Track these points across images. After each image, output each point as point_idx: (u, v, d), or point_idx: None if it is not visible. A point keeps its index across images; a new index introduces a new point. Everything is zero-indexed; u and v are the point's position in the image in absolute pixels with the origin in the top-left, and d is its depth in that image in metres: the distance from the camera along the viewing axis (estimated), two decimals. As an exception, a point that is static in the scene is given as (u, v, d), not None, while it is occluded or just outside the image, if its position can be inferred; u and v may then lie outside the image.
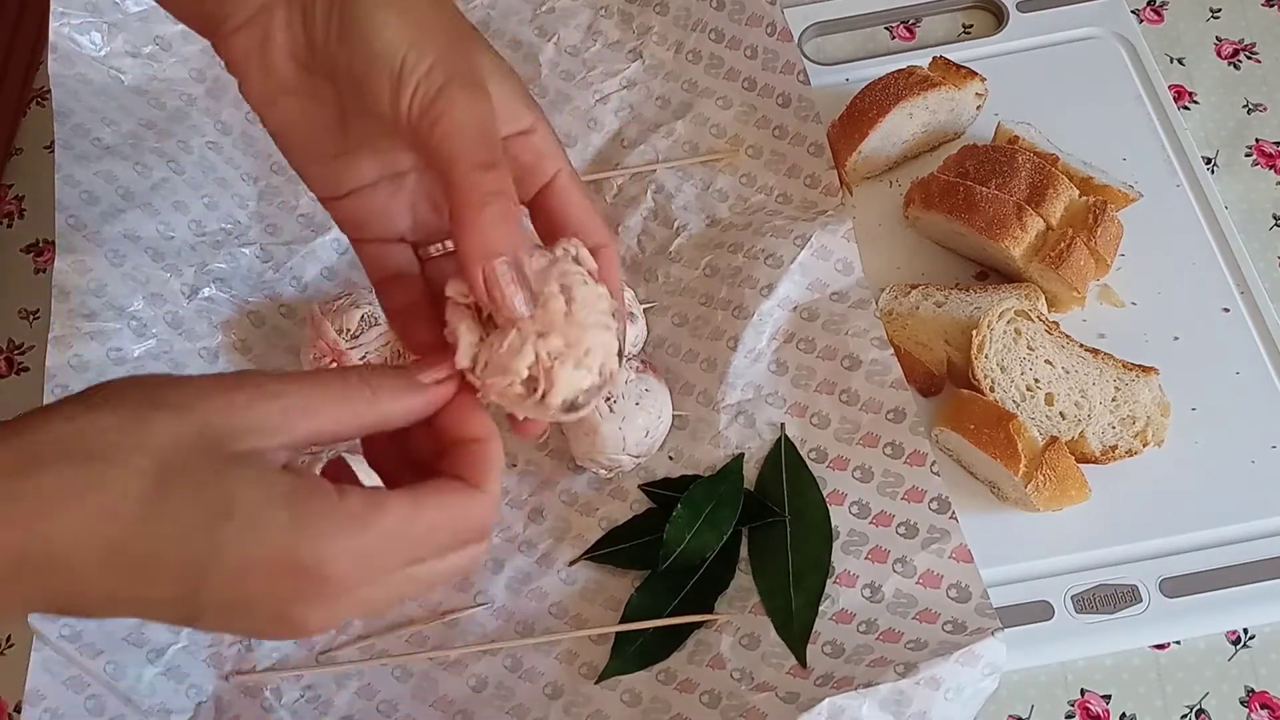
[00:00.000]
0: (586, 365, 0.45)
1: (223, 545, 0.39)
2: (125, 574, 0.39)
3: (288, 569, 0.39)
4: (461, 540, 0.44)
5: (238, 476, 0.39)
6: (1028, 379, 0.69)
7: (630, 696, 0.64)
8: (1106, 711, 0.64)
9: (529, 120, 0.48)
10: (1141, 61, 0.83)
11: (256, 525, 0.39)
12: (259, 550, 0.39)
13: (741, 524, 0.68)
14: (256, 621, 0.41)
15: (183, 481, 0.38)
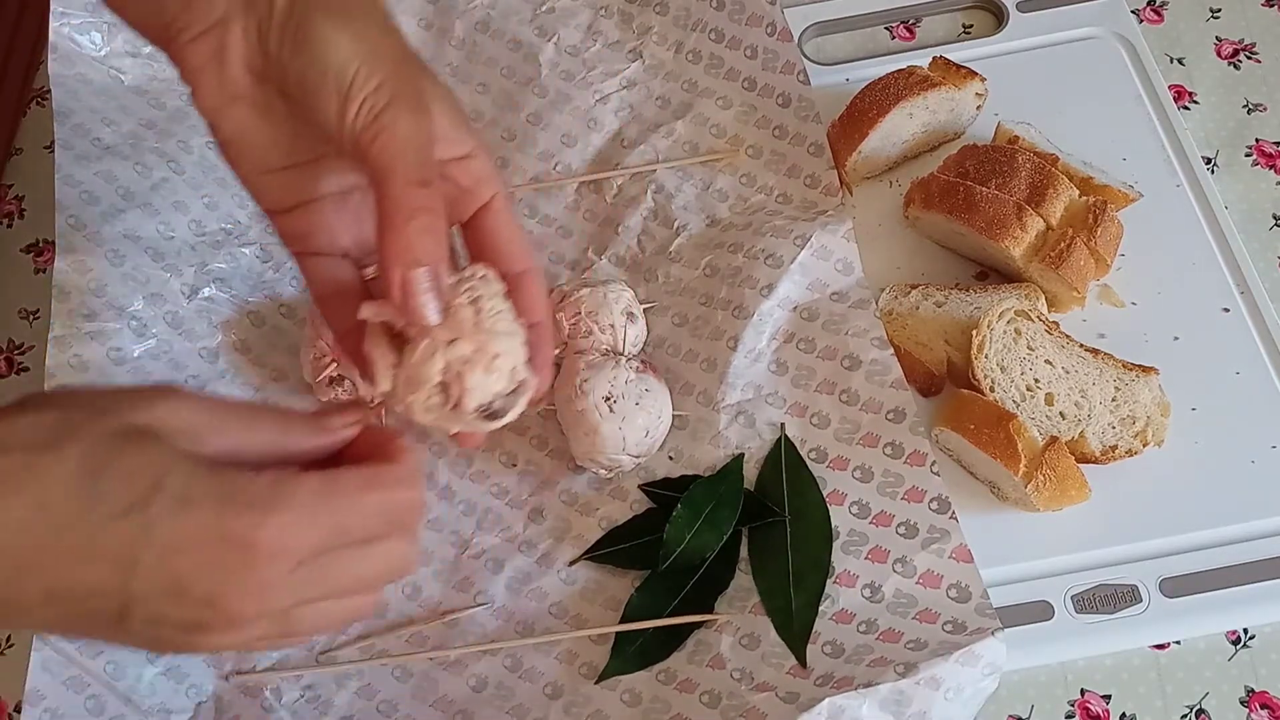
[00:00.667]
0: (497, 369, 0.48)
1: (153, 521, 0.40)
2: (61, 561, 0.40)
3: (218, 541, 0.41)
4: (388, 519, 0.45)
5: (163, 456, 0.41)
6: (1028, 379, 0.69)
7: (630, 696, 0.64)
8: (1106, 711, 0.64)
9: (469, 146, 0.50)
10: (1141, 61, 0.83)
11: (184, 498, 0.40)
12: (189, 524, 0.40)
13: (741, 524, 0.68)
14: (189, 607, 0.42)
15: (110, 463, 0.40)
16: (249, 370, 0.76)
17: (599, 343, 0.71)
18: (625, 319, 0.72)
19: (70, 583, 0.41)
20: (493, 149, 0.84)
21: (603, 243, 0.79)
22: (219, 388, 0.75)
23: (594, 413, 0.67)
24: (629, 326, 0.72)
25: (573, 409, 0.68)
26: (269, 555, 0.41)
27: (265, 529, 0.41)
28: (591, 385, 0.68)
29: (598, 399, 0.67)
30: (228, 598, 0.42)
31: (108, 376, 0.72)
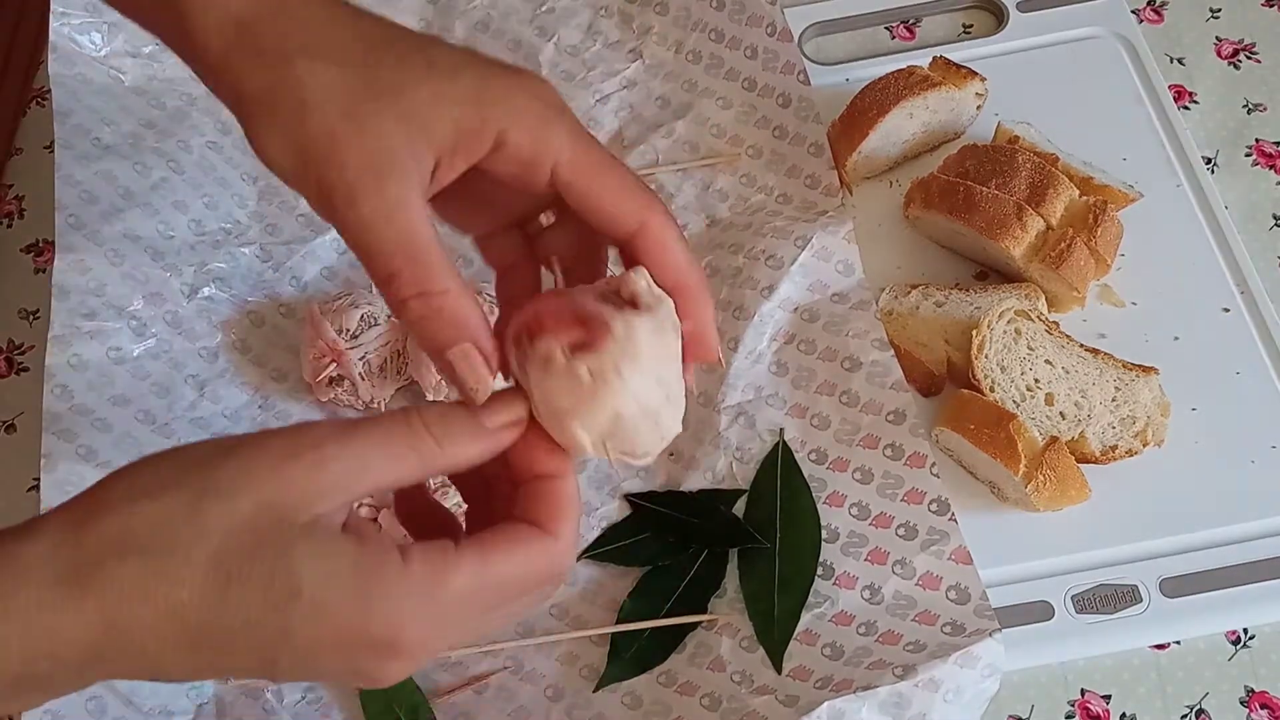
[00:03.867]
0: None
1: (292, 628, 0.38)
2: (202, 654, 0.39)
3: (359, 643, 0.39)
4: (534, 587, 0.43)
5: (300, 554, 0.38)
6: (1028, 379, 0.69)
7: (631, 699, 0.64)
8: (1106, 711, 0.64)
9: (492, 130, 0.43)
10: (1141, 61, 0.83)
11: (323, 605, 0.38)
12: (328, 630, 0.39)
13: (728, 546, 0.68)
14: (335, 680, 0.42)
15: (244, 567, 0.38)
16: (249, 370, 0.76)
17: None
18: None
19: (215, 665, 0.40)
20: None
21: (603, 243, 0.79)
22: (218, 387, 0.75)
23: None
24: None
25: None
26: (415, 649, 0.40)
27: (411, 630, 0.39)
28: None
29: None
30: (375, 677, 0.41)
31: (107, 376, 0.72)
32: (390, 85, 0.42)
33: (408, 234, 0.41)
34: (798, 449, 0.70)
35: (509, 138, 0.42)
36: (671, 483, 0.71)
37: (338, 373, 0.72)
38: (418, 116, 0.42)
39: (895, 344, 0.71)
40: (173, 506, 0.38)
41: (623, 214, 0.44)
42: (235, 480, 0.39)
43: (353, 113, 0.41)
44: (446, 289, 0.42)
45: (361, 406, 0.74)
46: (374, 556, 0.39)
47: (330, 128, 0.41)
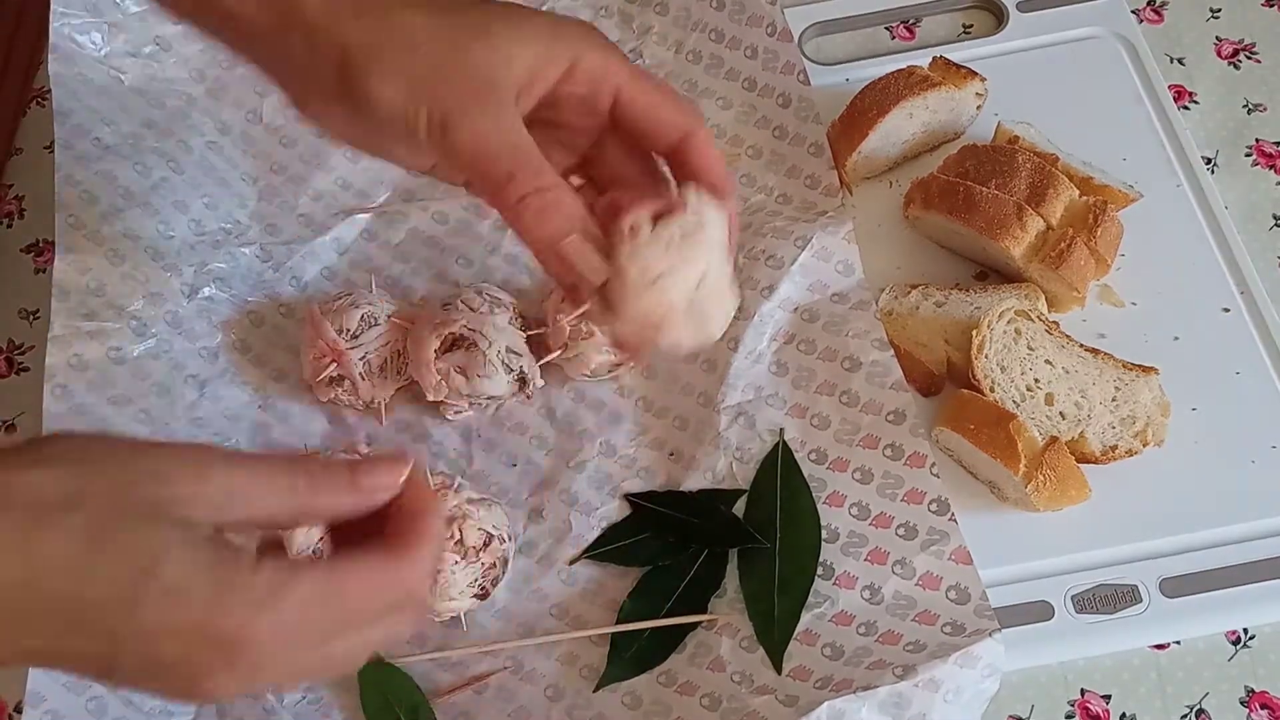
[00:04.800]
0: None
1: (142, 603, 0.39)
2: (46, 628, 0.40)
3: (203, 638, 0.40)
4: (386, 608, 0.44)
5: (166, 540, 0.40)
6: (1028, 379, 0.69)
7: (631, 699, 0.64)
8: (1106, 711, 0.64)
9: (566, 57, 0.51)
10: (1141, 61, 0.83)
11: (177, 590, 0.40)
12: (176, 616, 0.40)
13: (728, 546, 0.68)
14: (169, 684, 0.42)
15: (115, 540, 0.40)
16: (249, 370, 0.76)
17: (600, 344, 0.71)
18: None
19: (53, 647, 0.41)
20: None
21: (603, 243, 0.79)
22: (219, 387, 0.75)
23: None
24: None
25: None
26: (256, 657, 0.41)
27: (254, 628, 0.40)
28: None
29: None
30: (206, 684, 0.41)
31: (107, 376, 0.72)
32: (479, 25, 0.49)
33: (516, 141, 0.48)
34: (798, 449, 0.70)
35: (580, 62, 0.50)
36: (671, 483, 0.71)
37: (338, 373, 0.72)
38: (504, 49, 0.49)
39: (895, 344, 0.71)
40: (63, 474, 0.40)
41: (674, 123, 0.52)
42: (125, 467, 0.41)
43: (454, 48, 0.48)
44: (555, 185, 0.49)
45: (362, 406, 0.74)
46: (230, 560, 0.41)
47: (437, 61, 0.48)
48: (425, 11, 0.49)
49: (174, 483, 0.41)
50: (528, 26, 0.50)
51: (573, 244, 0.49)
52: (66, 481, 0.40)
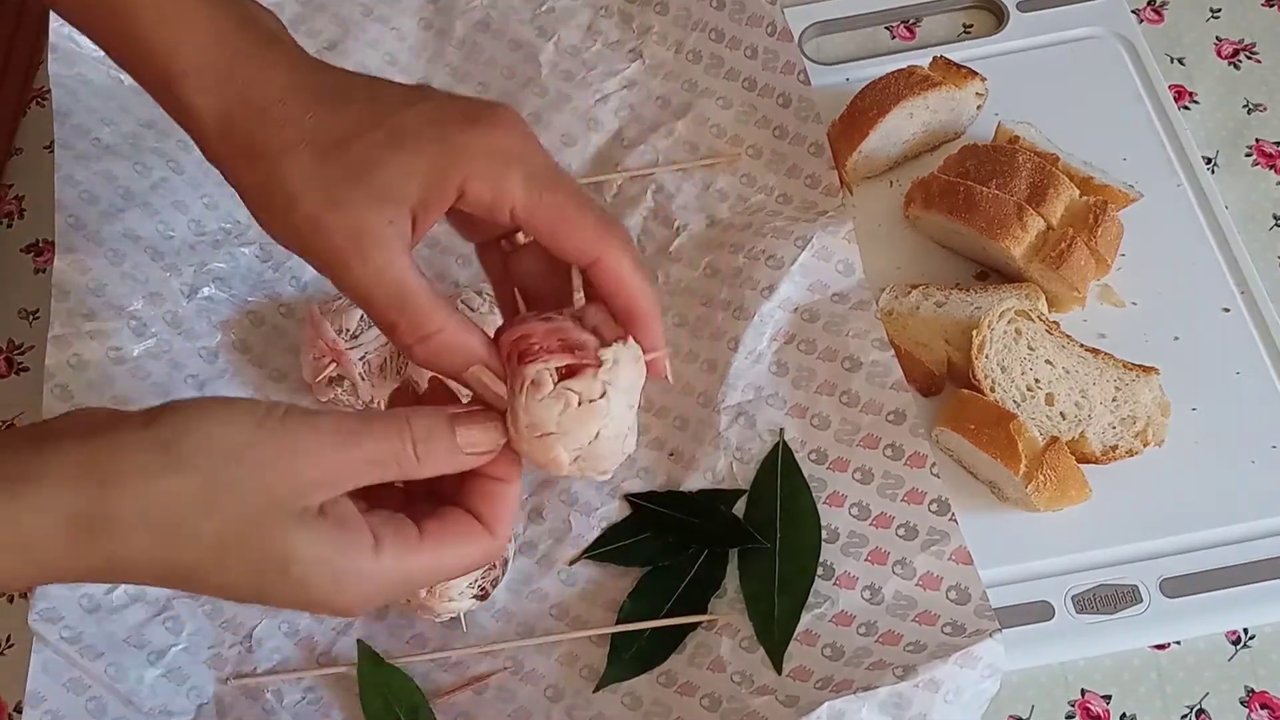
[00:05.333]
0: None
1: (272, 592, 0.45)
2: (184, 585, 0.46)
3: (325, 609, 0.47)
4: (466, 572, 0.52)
5: (291, 540, 0.44)
6: (1028, 379, 0.69)
7: (631, 699, 0.64)
8: (1107, 712, 0.64)
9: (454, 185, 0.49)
10: (1142, 61, 0.83)
11: (304, 582, 0.45)
12: (302, 601, 0.46)
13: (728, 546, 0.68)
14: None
15: (245, 547, 0.44)
16: (248, 370, 0.76)
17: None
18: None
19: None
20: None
21: (603, 243, 0.79)
22: (218, 387, 0.75)
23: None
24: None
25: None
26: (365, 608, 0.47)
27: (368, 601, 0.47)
28: None
29: None
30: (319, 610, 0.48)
31: (107, 376, 0.72)
32: (361, 167, 0.48)
33: (397, 290, 0.48)
34: (798, 449, 0.70)
35: (469, 188, 0.48)
36: (671, 483, 0.71)
37: (337, 373, 0.72)
38: (388, 189, 0.48)
39: (895, 344, 0.71)
40: (188, 489, 0.43)
41: (577, 250, 0.49)
42: (244, 471, 0.44)
43: (332, 198, 0.48)
44: (441, 327, 0.48)
45: (361, 406, 0.74)
46: (353, 545, 0.45)
47: (316, 213, 0.48)
48: (309, 157, 0.48)
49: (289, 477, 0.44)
50: (414, 159, 0.48)
51: (472, 377, 0.49)
52: (194, 493, 0.43)
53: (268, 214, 0.50)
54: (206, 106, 0.49)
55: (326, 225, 0.48)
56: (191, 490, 0.43)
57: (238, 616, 0.69)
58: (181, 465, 0.43)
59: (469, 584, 0.65)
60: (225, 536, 0.44)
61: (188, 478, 0.43)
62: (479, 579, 0.65)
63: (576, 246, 0.50)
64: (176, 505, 0.43)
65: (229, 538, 0.44)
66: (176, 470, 0.43)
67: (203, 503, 0.43)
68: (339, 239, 0.48)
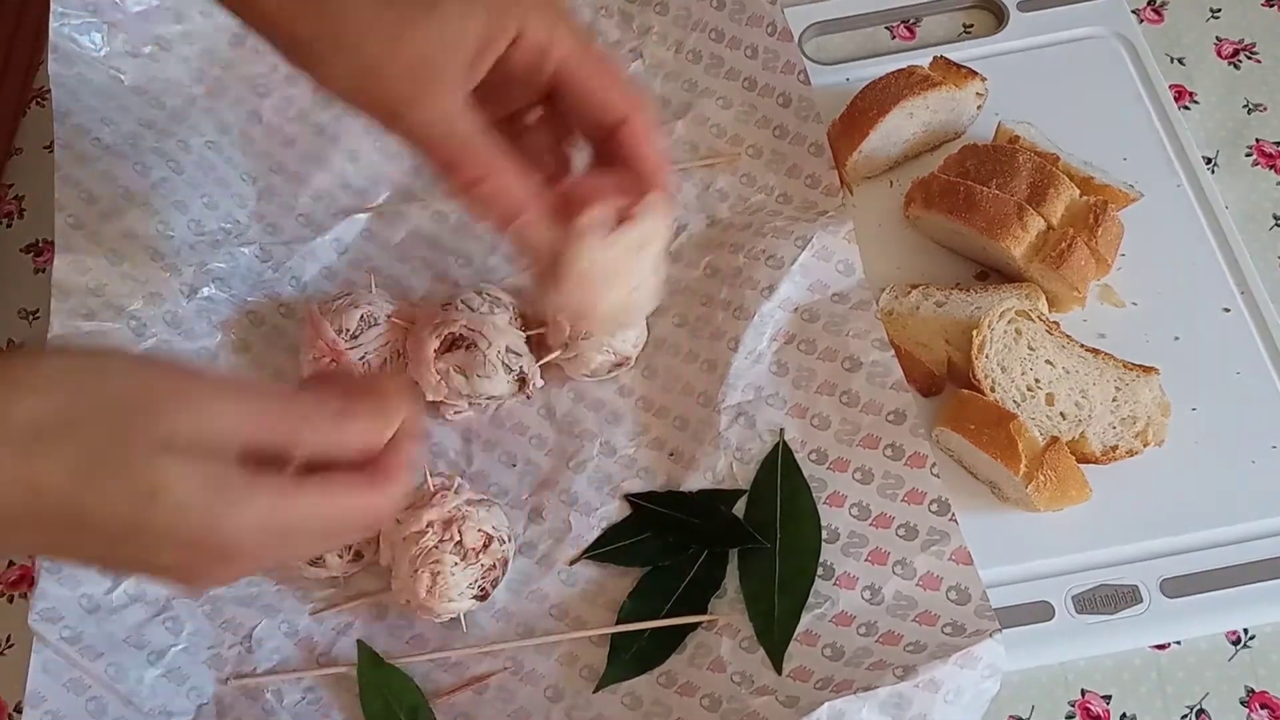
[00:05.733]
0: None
1: (145, 522, 0.43)
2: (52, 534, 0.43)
3: (201, 547, 0.44)
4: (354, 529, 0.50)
5: (165, 460, 0.42)
6: (1028, 379, 0.69)
7: (631, 700, 0.64)
8: (1107, 712, 0.64)
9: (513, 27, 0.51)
10: (1142, 61, 0.83)
11: (180, 508, 0.42)
12: (179, 531, 0.43)
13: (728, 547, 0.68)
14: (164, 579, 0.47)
15: (114, 465, 0.42)
16: (248, 370, 0.76)
17: (600, 344, 0.71)
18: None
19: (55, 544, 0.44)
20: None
21: (603, 243, 0.79)
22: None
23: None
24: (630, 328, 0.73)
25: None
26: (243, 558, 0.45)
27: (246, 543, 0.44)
28: None
29: None
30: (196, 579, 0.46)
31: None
32: (423, 7, 0.49)
33: (458, 129, 0.49)
34: (798, 449, 0.70)
35: (526, 31, 0.50)
36: (671, 483, 0.71)
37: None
38: (450, 26, 0.49)
39: (895, 344, 0.71)
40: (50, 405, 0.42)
41: (612, 105, 0.52)
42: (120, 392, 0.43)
43: (395, 37, 0.48)
44: (505, 168, 0.50)
45: (361, 406, 0.74)
46: (227, 476, 0.44)
47: (379, 54, 0.48)
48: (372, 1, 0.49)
49: (167, 414, 0.43)
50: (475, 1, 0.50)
51: (523, 225, 0.50)
52: (62, 409, 0.42)
53: (330, 63, 0.49)
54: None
55: (390, 67, 0.48)
56: (54, 406, 0.42)
57: (237, 617, 0.69)
58: (48, 384, 0.42)
59: (469, 585, 0.65)
60: (89, 456, 0.42)
61: (51, 395, 0.42)
62: (478, 579, 0.65)
63: (615, 101, 0.52)
64: (37, 421, 0.42)
65: (93, 458, 0.42)
66: (41, 390, 0.42)
67: (65, 419, 0.42)
68: (402, 80, 0.48)
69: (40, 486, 0.42)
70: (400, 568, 0.65)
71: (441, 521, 0.65)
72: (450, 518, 0.65)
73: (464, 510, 0.66)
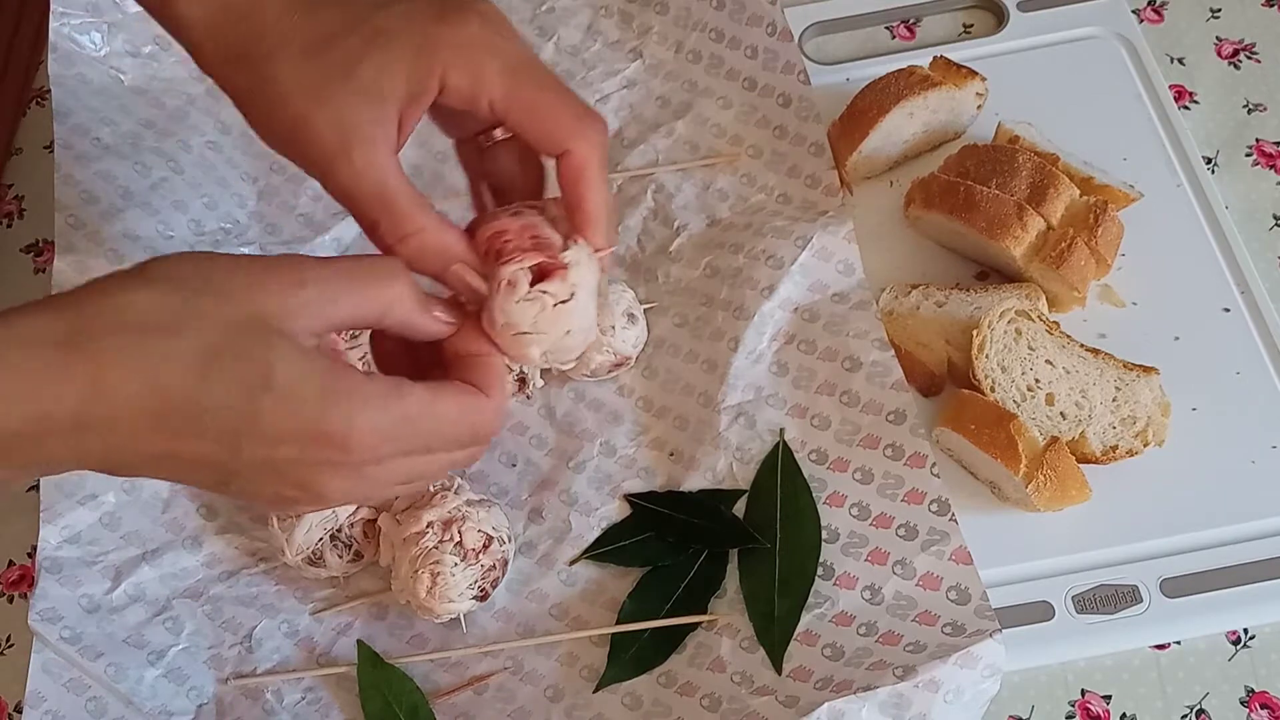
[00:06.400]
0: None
1: (260, 413, 0.44)
2: (171, 434, 0.43)
3: (316, 436, 0.45)
4: (469, 438, 0.50)
5: (277, 354, 0.44)
6: (1028, 379, 0.69)
7: (631, 700, 0.64)
8: (1107, 712, 0.64)
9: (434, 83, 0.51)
10: (1142, 61, 0.83)
11: (291, 397, 0.44)
12: (292, 419, 0.44)
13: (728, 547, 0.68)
14: (283, 485, 0.46)
15: (228, 358, 0.43)
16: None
17: (600, 344, 0.71)
18: (626, 320, 0.72)
19: (178, 451, 0.44)
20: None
21: (603, 243, 0.79)
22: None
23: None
24: (630, 328, 0.73)
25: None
26: (360, 456, 0.46)
27: (362, 434, 0.45)
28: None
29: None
30: (318, 484, 0.46)
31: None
32: (345, 66, 0.49)
33: (380, 189, 0.49)
34: (798, 449, 0.70)
35: (448, 80, 0.50)
36: (671, 483, 0.71)
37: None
38: (371, 85, 0.49)
39: (895, 344, 0.71)
40: (171, 296, 0.43)
41: (550, 138, 0.52)
42: (227, 284, 0.44)
43: (318, 96, 0.49)
44: (422, 227, 0.50)
45: (361, 407, 0.74)
46: (339, 368, 0.45)
47: (304, 112, 0.49)
48: (295, 58, 0.50)
49: (275, 294, 0.45)
50: (396, 58, 0.50)
51: (453, 275, 0.51)
52: (175, 303, 0.43)
53: (258, 117, 0.51)
54: (197, 17, 0.51)
55: (314, 124, 0.49)
56: (171, 304, 0.43)
57: (237, 617, 0.69)
58: (159, 283, 0.44)
59: (469, 585, 0.65)
60: (205, 349, 0.43)
61: (167, 294, 0.43)
62: (478, 579, 0.65)
63: (550, 135, 0.52)
64: (154, 317, 0.43)
65: (208, 351, 0.43)
66: (154, 286, 0.44)
67: (182, 314, 0.43)
68: (326, 137, 0.49)
69: (160, 385, 0.43)
70: (400, 568, 0.65)
71: (441, 522, 0.65)
72: (450, 518, 0.65)
73: (464, 511, 0.66)
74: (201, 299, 0.44)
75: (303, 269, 0.46)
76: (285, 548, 0.66)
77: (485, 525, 0.66)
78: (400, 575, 0.65)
